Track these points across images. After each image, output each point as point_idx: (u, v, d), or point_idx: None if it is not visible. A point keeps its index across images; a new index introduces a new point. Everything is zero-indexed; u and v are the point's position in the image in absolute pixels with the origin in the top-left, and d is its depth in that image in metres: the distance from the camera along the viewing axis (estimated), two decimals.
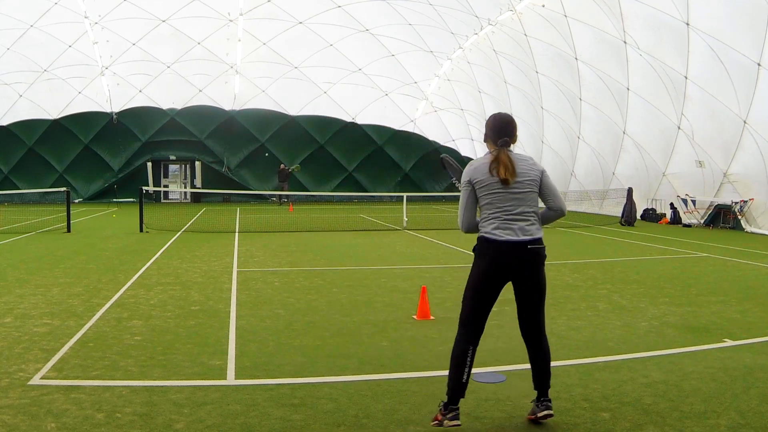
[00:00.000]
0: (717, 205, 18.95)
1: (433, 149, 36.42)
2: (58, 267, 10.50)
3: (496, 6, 22.67)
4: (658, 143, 20.92)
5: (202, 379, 4.78)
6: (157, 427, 3.84)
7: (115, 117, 32.76)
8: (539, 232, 3.88)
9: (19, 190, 30.56)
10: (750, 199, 17.76)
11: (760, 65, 15.49)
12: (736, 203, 18.11)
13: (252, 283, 9.10)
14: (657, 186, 21.75)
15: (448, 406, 3.80)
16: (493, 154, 3.87)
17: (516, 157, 3.87)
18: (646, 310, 7.31)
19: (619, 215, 20.98)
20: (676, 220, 20.75)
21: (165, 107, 33.27)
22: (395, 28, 27.72)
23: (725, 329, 6.39)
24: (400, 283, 9.20)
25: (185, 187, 35.09)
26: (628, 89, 20.84)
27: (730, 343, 5.86)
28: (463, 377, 3.78)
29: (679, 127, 19.44)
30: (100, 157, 33.29)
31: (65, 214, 17.49)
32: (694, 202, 19.88)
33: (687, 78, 18.07)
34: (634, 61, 19.88)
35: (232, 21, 27.55)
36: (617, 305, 7.62)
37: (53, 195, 30.22)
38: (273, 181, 34.32)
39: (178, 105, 33.41)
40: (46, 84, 30.17)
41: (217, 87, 32.51)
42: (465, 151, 36.28)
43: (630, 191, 20.35)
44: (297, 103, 34.12)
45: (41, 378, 4.74)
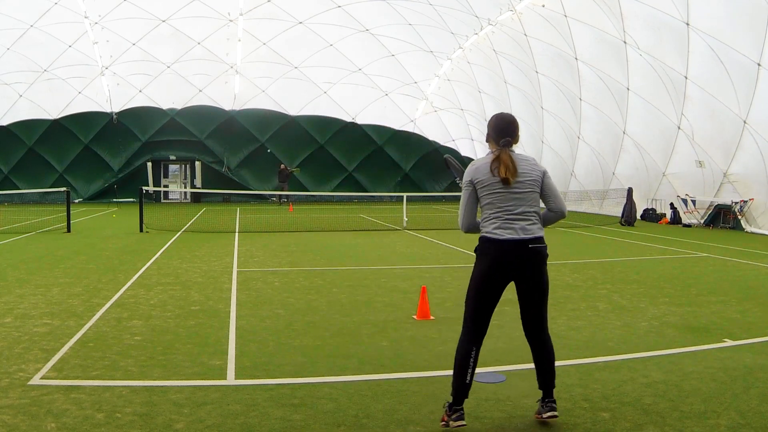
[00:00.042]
0: (717, 205, 18.95)
1: (433, 149, 36.42)
2: (58, 267, 10.50)
3: (496, 6, 22.67)
4: (658, 143, 20.92)
5: (202, 379, 4.78)
6: (157, 427, 3.84)
7: (115, 117, 32.77)
8: (540, 231, 3.88)
9: (19, 190, 30.56)
10: (750, 199, 17.76)
11: (760, 65, 15.50)
12: (736, 203, 18.11)
13: (252, 283, 9.10)
14: (657, 186, 21.75)
15: (452, 407, 3.81)
16: (495, 154, 3.88)
17: (518, 157, 3.88)
18: (646, 310, 7.31)
19: (619, 215, 20.97)
20: (676, 220, 20.75)
21: (165, 107, 33.27)
22: (395, 28, 27.73)
23: (725, 329, 6.39)
24: (400, 283, 9.20)
25: (185, 187, 35.08)
26: (628, 89, 20.84)
27: (730, 343, 5.86)
28: (467, 378, 3.80)
29: (679, 127, 19.44)
30: (100, 157, 33.30)
31: (65, 214, 17.49)
32: (694, 202, 19.88)
33: (687, 78, 18.07)
34: (634, 61, 19.88)
35: (232, 21, 27.55)
36: (617, 305, 7.62)
37: (53, 195, 30.21)
38: (273, 181, 34.32)
39: (178, 105, 33.41)
40: (46, 84, 30.17)
41: (217, 87, 32.51)
42: (465, 151, 36.26)
43: (630, 191, 20.34)
44: (297, 103, 34.12)
45: (41, 378, 4.74)
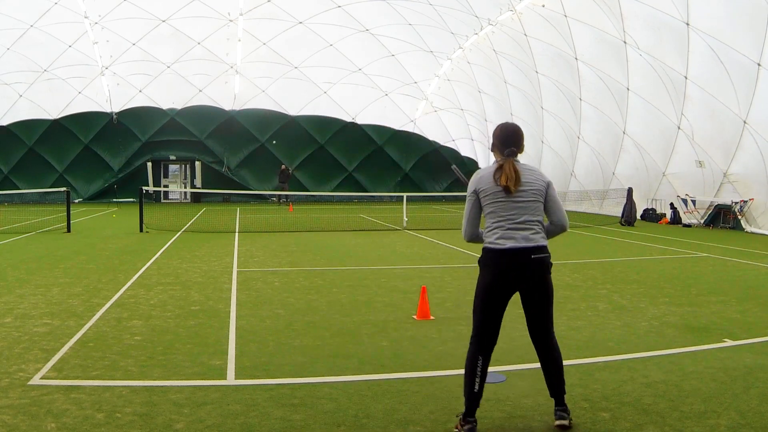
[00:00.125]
0: (717, 205, 18.95)
1: (433, 149, 36.44)
2: (58, 267, 10.50)
3: (496, 6, 22.67)
4: (658, 143, 20.92)
5: (202, 379, 4.78)
6: (157, 427, 3.84)
7: (115, 117, 32.76)
8: (543, 240, 3.86)
9: (19, 190, 30.56)
10: (750, 199, 17.75)
11: (760, 65, 15.49)
12: (736, 203, 18.11)
13: (252, 283, 9.10)
14: (657, 186, 21.74)
15: (466, 417, 3.80)
16: (499, 163, 3.89)
17: (522, 166, 3.88)
18: (646, 310, 7.31)
19: (619, 215, 20.97)
20: (676, 220, 20.75)
21: (165, 107, 33.28)
22: (395, 28, 27.73)
23: (725, 329, 6.39)
24: (400, 283, 9.20)
25: (185, 187, 35.08)
26: (628, 89, 20.83)
27: (730, 343, 5.86)
28: (475, 387, 3.79)
29: (679, 127, 19.44)
30: (100, 157, 33.30)
31: (65, 214, 17.49)
32: (694, 202, 19.87)
33: (687, 78, 18.07)
34: (634, 61, 19.88)
35: (232, 21, 27.55)
36: (617, 305, 7.62)
37: (53, 195, 30.20)
38: (273, 181, 34.33)
39: (178, 105, 33.41)
40: (46, 84, 30.17)
41: (217, 87, 32.52)
42: (465, 151, 36.28)
43: (630, 191, 20.34)
44: (297, 103, 34.12)
45: (41, 378, 4.74)
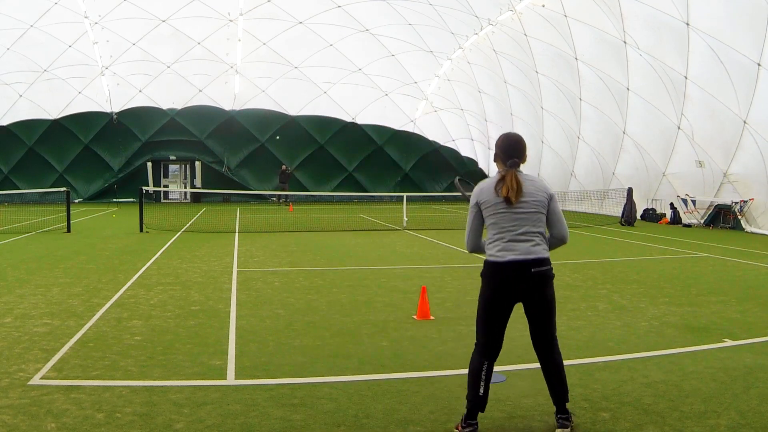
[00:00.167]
0: (717, 205, 18.95)
1: (433, 149, 36.44)
2: (58, 267, 10.50)
3: (496, 6, 22.67)
4: (658, 143, 20.91)
5: (202, 379, 4.78)
6: (157, 427, 3.84)
7: (115, 117, 32.76)
8: (545, 252, 3.83)
9: (19, 190, 30.55)
10: (750, 199, 17.75)
11: (760, 65, 15.49)
12: (736, 203, 18.11)
13: (252, 283, 9.10)
14: (657, 186, 21.74)
15: (467, 419, 3.81)
16: (501, 174, 3.89)
17: (524, 177, 3.87)
18: (646, 310, 7.31)
19: (619, 215, 20.97)
20: (676, 220, 20.75)
21: (165, 107, 33.27)
22: (395, 28, 27.72)
23: (725, 329, 6.39)
24: (400, 283, 9.20)
25: (185, 187, 35.08)
26: (628, 89, 20.83)
27: (730, 343, 5.87)
28: (480, 390, 3.80)
29: (679, 127, 19.43)
30: (100, 157, 33.30)
31: (65, 214, 17.49)
32: (694, 202, 19.87)
33: (687, 78, 18.06)
34: (634, 61, 19.88)
35: (232, 21, 27.55)
36: (617, 305, 7.62)
37: (53, 195, 30.20)
38: (273, 181, 34.34)
39: (178, 105, 33.41)
40: (46, 84, 30.17)
41: (217, 87, 32.51)
42: (465, 151, 36.28)
43: (630, 191, 20.34)
44: (297, 103, 34.12)
45: (41, 378, 4.74)
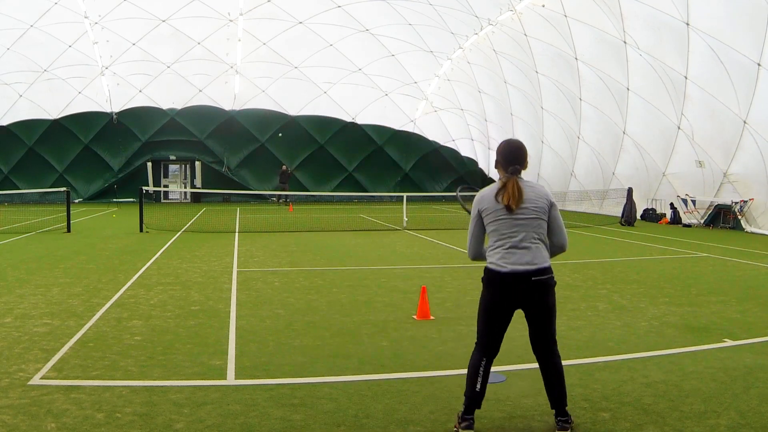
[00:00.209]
0: (717, 205, 18.95)
1: (433, 149, 36.43)
2: (58, 267, 10.50)
3: (496, 6, 22.67)
4: (658, 143, 20.92)
5: (202, 379, 4.78)
6: (157, 427, 3.84)
7: (115, 117, 32.76)
8: (545, 260, 3.82)
9: (19, 190, 30.55)
10: (750, 199, 17.75)
11: (760, 65, 15.49)
12: (736, 203, 18.11)
13: (252, 283, 9.10)
14: (657, 186, 21.74)
15: (463, 415, 3.85)
16: (502, 182, 3.90)
17: (526, 184, 3.87)
18: (646, 310, 7.31)
19: (619, 215, 20.97)
20: (676, 220, 20.75)
21: (165, 107, 33.27)
22: (395, 28, 27.72)
23: (725, 329, 6.39)
24: (400, 283, 9.20)
25: (185, 187, 35.08)
26: (628, 89, 20.83)
27: (730, 343, 5.87)
28: (476, 387, 3.84)
29: (679, 127, 19.43)
30: (100, 157, 33.30)
31: (65, 214, 17.49)
32: (694, 202, 19.87)
33: (687, 78, 18.06)
34: (634, 61, 19.88)
35: (232, 21, 27.55)
36: (617, 305, 7.62)
37: (53, 195, 30.20)
38: (273, 181, 34.34)
39: (178, 105, 33.40)
40: (46, 84, 30.16)
41: (217, 87, 32.51)
42: (465, 151, 36.29)
43: (630, 191, 20.34)
44: (297, 103, 34.12)
45: (41, 378, 4.74)
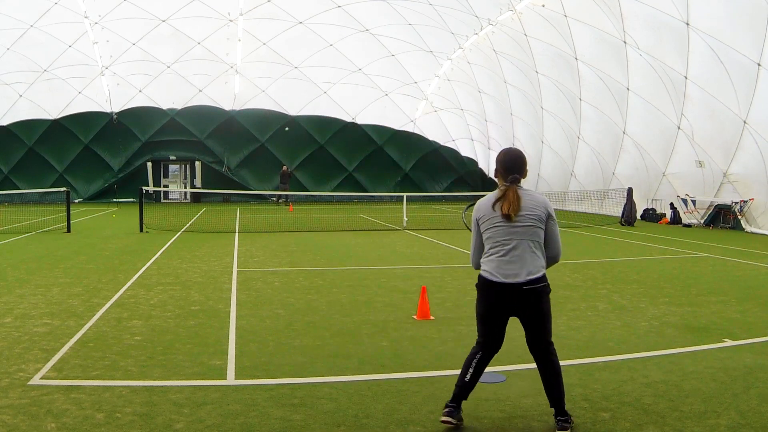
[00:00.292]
0: (717, 205, 18.95)
1: (433, 149, 36.42)
2: (58, 267, 10.50)
3: (496, 6, 22.66)
4: (658, 143, 20.91)
5: (202, 379, 4.78)
6: (157, 427, 3.84)
7: (115, 117, 32.76)
8: (539, 269, 3.82)
9: (19, 190, 30.54)
10: (750, 199, 17.75)
11: (760, 65, 15.49)
12: (736, 203, 18.10)
13: (252, 283, 9.10)
14: (657, 186, 21.74)
15: (448, 402, 3.92)
16: (501, 191, 3.91)
17: (524, 193, 3.88)
18: (646, 310, 7.31)
19: (619, 215, 20.97)
20: (676, 220, 20.74)
21: (165, 107, 33.26)
22: (395, 28, 27.72)
23: (725, 329, 6.39)
24: (400, 283, 9.20)
25: (185, 187, 35.07)
26: (628, 89, 20.83)
27: (730, 343, 5.87)
28: (466, 377, 3.88)
29: (679, 127, 19.43)
30: (100, 157, 33.29)
31: (65, 214, 17.49)
32: (694, 202, 19.87)
33: (687, 78, 18.06)
34: (634, 61, 19.88)
35: (232, 21, 27.54)
36: (617, 305, 7.62)
37: (53, 195, 30.19)
38: (273, 181, 34.34)
39: (178, 105, 33.39)
40: (46, 84, 30.16)
41: (217, 87, 32.50)
42: (465, 151, 36.28)
43: (630, 191, 20.33)
44: (297, 103, 34.11)
45: (41, 378, 4.74)
